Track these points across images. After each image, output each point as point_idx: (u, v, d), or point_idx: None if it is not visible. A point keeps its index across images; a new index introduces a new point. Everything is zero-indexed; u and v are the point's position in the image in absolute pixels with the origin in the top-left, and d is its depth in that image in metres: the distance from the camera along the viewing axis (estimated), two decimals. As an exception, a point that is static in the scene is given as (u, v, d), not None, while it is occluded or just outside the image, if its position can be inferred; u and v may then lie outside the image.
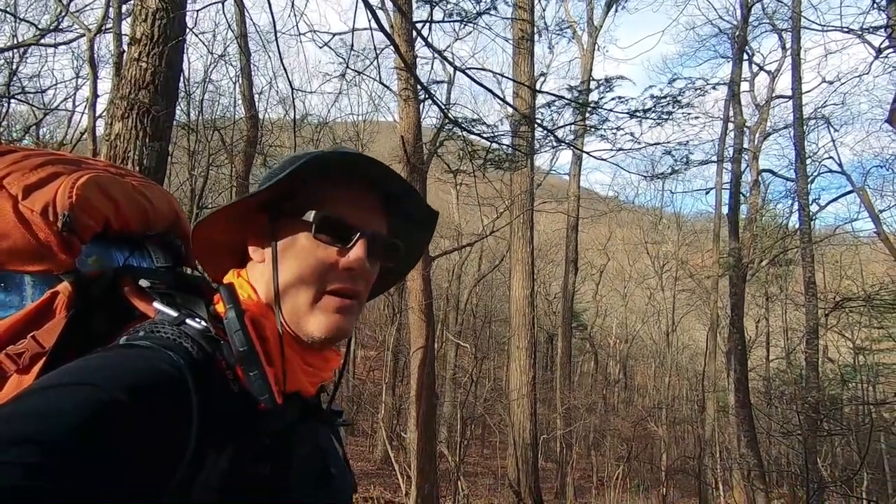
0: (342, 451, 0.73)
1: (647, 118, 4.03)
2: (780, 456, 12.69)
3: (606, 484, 11.47)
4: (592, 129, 4.32)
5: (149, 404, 0.47)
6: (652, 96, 4.15)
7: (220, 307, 0.59)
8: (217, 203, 11.40)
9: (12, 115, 11.11)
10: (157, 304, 0.59)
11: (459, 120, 4.53)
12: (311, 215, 0.61)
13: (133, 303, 0.61)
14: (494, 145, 5.20)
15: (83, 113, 10.28)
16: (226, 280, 0.66)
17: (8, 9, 9.96)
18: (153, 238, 0.73)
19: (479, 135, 4.51)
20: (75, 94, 11.19)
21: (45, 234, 0.60)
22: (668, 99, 4.11)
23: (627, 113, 3.97)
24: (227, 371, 0.55)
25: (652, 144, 4.73)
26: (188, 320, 0.57)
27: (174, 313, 0.57)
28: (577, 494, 11.26)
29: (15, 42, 9.89)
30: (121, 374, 0.47)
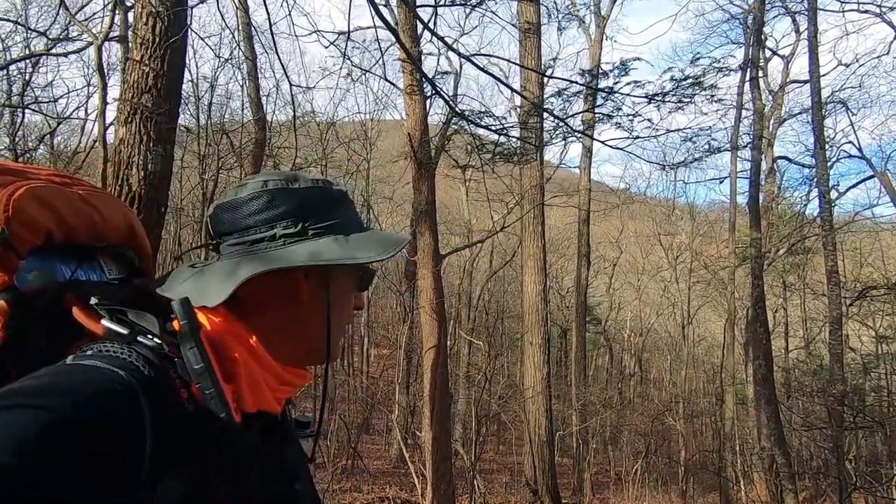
0: (307, 468, 0.72)
1: (667, 102, 3.85)
2: (801, 448, 12.46)
3: (624, 479, 11.34)
4: (606, 118, 4.16)
5: (99, 424, 0.45)
6: (672, 78, 3.96)
7: (176, 324, 0.57)
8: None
9: (27, 125, 11.28)
10: (105, 322, 0.56)
11: (466, 113, 4.42)
12: (365, 268, 0.72)
13: (79, 320, 0.58)
14: (503, 139, 5.08)
15: (94, 121, 10.41)
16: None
17: (19, 20, 10.11)
18: (104, 249, 0.70)
19: (486, 127, 4.41)
20: (87, 102, 11.32)
21: None
22: (689, 81, 3.92)
23: (645, 97, 3.78)
24: (181, 390, 0.53)
25: (672, 131, 4.56)
26: (139, 338, 0.55)
27: (124, 331, 0.55)
28: (594, 490, 11.16)
29: (27, 52, 10.03)
30: (67, 392, 0.46)
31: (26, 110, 10.25)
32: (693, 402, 15.45)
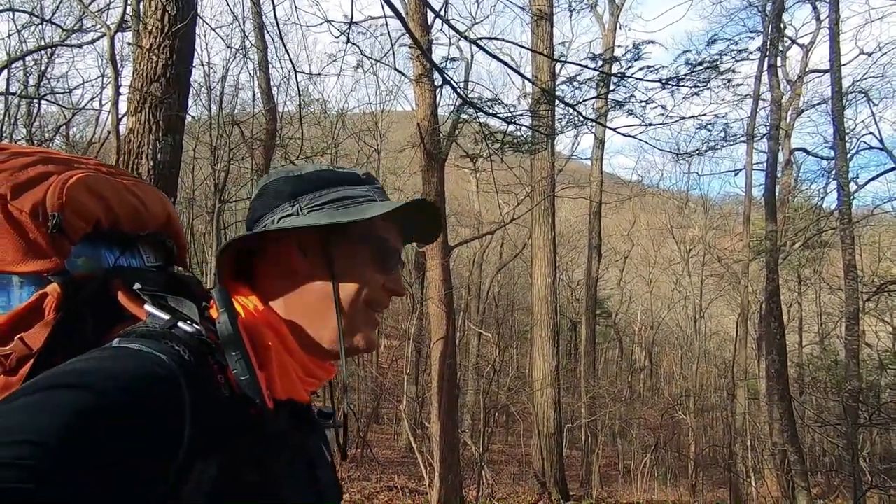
0: (330, 456, 0.74)
1: (682, 87, 3.71)
2: (814, 444, 12.31)
3: (633, 472, 11.32)
4: (618, 105, 4.04)
5: (140, 407, 0.46)
6: (687, 62, 3.80)
7: (213, 311, 0.59)
8: (239, 196, 11.53)
9: (43, 115, 11.41)
10: (147, 307, 0.58)
11: (475, 101, 4.34)
12: (372, 240, 0.66)
13: (124, 305, 0.60)
14: (512, 127, 5.01)
15: (108, 112, 10.49)
16: (227, 285, 0.65)
17: (35, 11, 10.20)
18: (145, 238, 0.72)
19: (495, 115, 4.32)
20: (101, 93, 11.41)
21: (35, 234, 0.60)
22: (705, 65, 3.77)
23: (659, 82, 3.65)
24: (218, 375, 0.55)
25: (686, 118, 4.40)
26: (180, 323, 0.56)
27: (166, 316, 0.57)
28: (602, 483, 11.16)
29: (43, 43, 10.12)
30: (111, 376, 0.47)
31: (42, 101, 10.38)
32: (704, 397, 15.34)
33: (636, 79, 3.75)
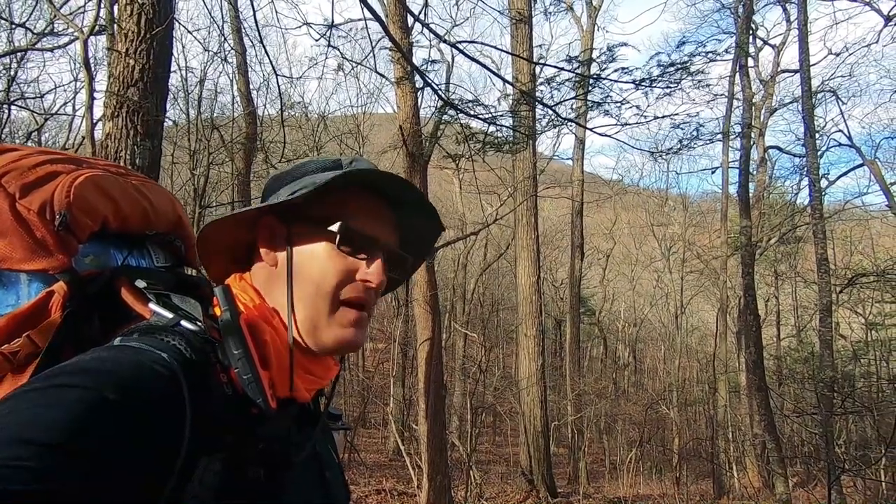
0: (337, 457, 0.73)
1: (655, 87, 3.82)
2: (793, 434, 12.62)
3: (619, 468, 11.47)
4: (596, 106, 4.14)
5: (141, 405, 0.46)
6: (659, 64, 3.92)
7: (217, 309, 0.59)
8: (220, 201, 11.37)
9: (14, 121, 11.11)
10: (152, 306, 0.59)
11: (456, 102, 4.39)
12: (336, 226, 0.61)
13: (128, 303, 0.60)
14: (492, 128, 5.08)
15: (82, 117, 10.28)
16: (228, 282, 0.65)
17: (2, 14, 9.93)
18: (154, 238, 0.73)
19: (476, 116, 4.38)
20: (74, 98, 11.17)
21: (42, 233, 0.60)
22: (676, 66, 3.89)
23: (633, 83, 3.76)
24: (221, 374, 0.55)
25: (659, 117, 4.54)
26: (183, 322, 0.56)
27: (169, 315, 0.57)
28: (590, 479, 11.27)
29: (11, 47, 9.86)
30: (113, 374, 0.47)
31: (12, 106, 10.10)
32: (687, 391, 15.61)
33: (611, 80, 3.85)
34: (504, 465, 11.12)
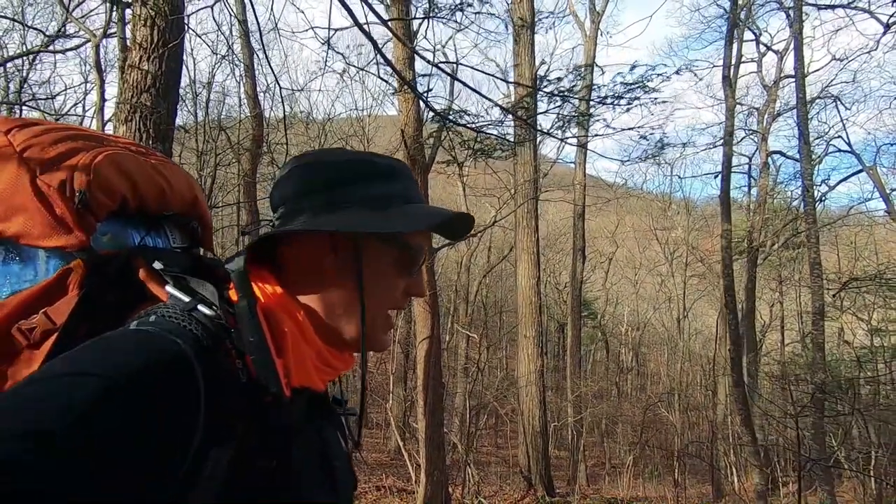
0: (346, 446, 0.73)
1: (616, 105, 4.09)
2: (802, 437, 12.50)
3: (619, 470, 11.51)
4: (571, 119, 4.39)
5: (154, 392, 0.46)
6: (622, 83, 4.27)
7: (233, 294, 0.58)
8: (226, 202, 11.54)
9: (25, 122, 11.32)
10: (169, 288, 0.58)
11: (444, 112, 4.62)
12: (402, 245, 0.64)
13: (146, 284, 0.60)
14: (481, 135, 5.36)
15: (92, 118, 10.49)
16: (244, 269, 0.62)
17: (16, 17, 10.16)
18: (171, 218, 0.72)
19: (466, 125, 4.59)
20: (84, 99, 11.41)
21: (62, 209, 0.59)
22: (635, 85, 4.16)
23: (598, 100, 4.03)
24: (235, 360, 0.54)
25: (626, 129, 4.85)
26: (200, 306, 0.56)
27: (186, 298, 0.56)
28: (589, 481, 11.32)
29: (24, 49, 10.09)
30: (127, 360, 0.47)
31: (24, 107, 10.32)
32: (689, 395, 15.62)
33: (578, 98, 4.11)
34: (503, 466, 11.20)
